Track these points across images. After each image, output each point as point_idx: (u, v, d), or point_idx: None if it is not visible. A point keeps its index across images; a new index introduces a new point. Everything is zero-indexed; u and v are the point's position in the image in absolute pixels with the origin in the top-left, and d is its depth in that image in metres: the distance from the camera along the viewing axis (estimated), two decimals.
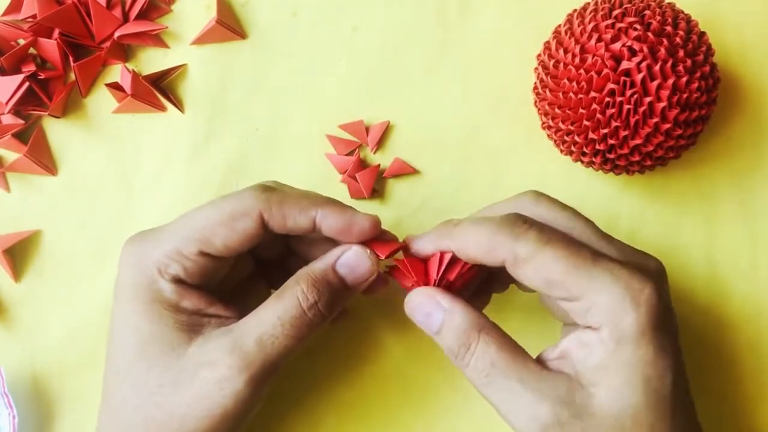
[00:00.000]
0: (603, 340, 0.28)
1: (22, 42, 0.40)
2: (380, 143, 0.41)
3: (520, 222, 0.30)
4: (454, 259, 0.32)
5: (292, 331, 0.31)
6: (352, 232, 0.32)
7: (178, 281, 0.31)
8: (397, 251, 0.33)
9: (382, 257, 0.32)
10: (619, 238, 0.32)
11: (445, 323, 0.30)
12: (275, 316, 0.31)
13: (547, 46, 0.38)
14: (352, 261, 0.32)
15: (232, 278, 0.35)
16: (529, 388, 0.28)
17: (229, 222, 0.31)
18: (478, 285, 0.35)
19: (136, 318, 0.31)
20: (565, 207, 0.32)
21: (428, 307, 0.31)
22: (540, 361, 0.30)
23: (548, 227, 0.30)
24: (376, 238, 0.33)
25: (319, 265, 0.32)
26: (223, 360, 0.30)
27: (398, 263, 0.33)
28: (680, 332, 0.30)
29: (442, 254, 0.32)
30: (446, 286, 0.32)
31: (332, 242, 0.33)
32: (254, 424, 0.38)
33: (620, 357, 0.28)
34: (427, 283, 0.32)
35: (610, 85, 0.34)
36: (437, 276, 0.32)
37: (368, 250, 0.32)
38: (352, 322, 0.39)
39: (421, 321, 0.31)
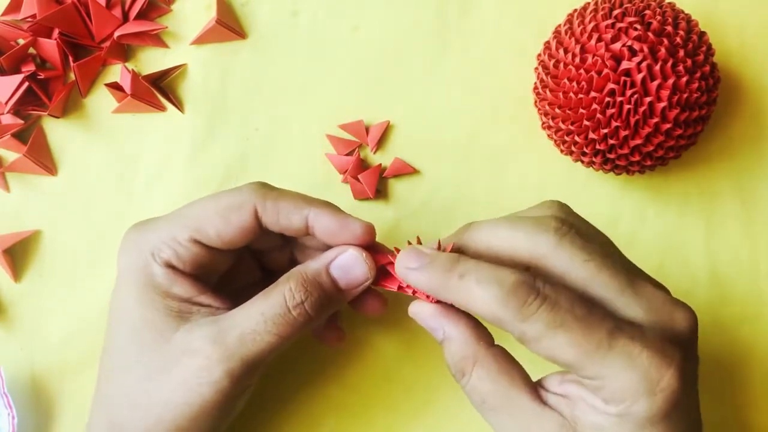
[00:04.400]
0: (609, 412, 0.26)
1: (21, 42, 0.40)
2: (380, 143, 0.41)
3: (531, 295, 0.26)
4: None
5: (275, 328, 0.30)
6: (344, 235, 0.31)
7: (169, 266, 0.31)
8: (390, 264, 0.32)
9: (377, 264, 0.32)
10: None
11: (444, 345, 0.30)
12: (259, 312, 0.30)
13: (547, 46, 0.38)
14: (347, 263, 0.31)
15: (237, 283, 0.35)
16: (518, 424, 0.28)
17: (224, 212, 0.31)
18: None
19: (129, 302, 0.31)
20: (590, 235, 0.29)
21: (431, 323, 0.30)
22: (541, 387, 0.29)
23: (561, 297, 0.26)
24: (370, 248, 0.32)
25: (312, 265, 0.32)
26: (203, 349, 0.30)
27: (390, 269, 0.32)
28: None
29: None
30: None
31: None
32: (253, 425, 0.38)
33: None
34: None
35: (610, 85, 0.34)
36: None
37: (364, 254, 0.31)
38: (351, 323, 0.39)
39: (427, 329, 0.31)
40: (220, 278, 0.34)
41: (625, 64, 0.34)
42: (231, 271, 0.34)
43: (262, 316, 0.30)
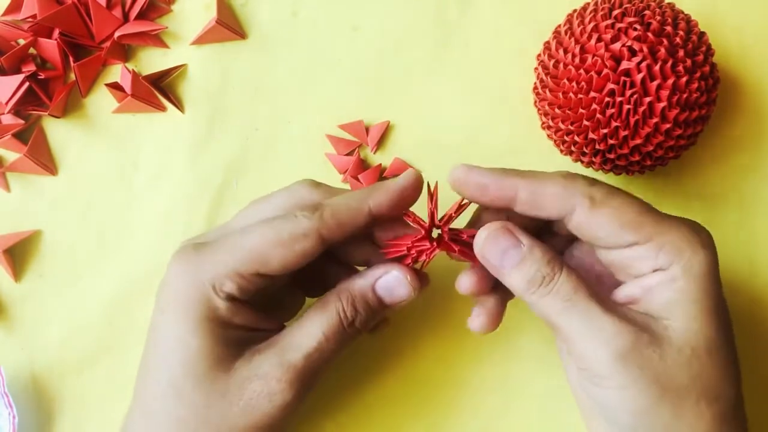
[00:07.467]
0: (674, 276, 0.29)
1: (22, 42, 0.40)
2: (380, 143, 0.41)
3: (585, 178, 0.31)
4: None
5: (334, 344, 0.32)
6: (406, 201, 0.33)
7: (232, 299, 0.31)
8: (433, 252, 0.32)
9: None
10: None
11: (527, 256, 0.31)
12: (319, 330, 0.32)
13: (547, 46, 0.38)
14: (391, 284, 0.33)
15: (273, 288, 0.35)
16: (608, 311, 0.29)
17: (289, 243, 0.31)
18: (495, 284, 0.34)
19: (184, 333, 0.31)
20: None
21: (506, 242, 0.31)
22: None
23: None
24: (407, 214, 0.33)
25: (359, 284, 0.33)
26: (272, 373, 0.31)
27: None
28: None
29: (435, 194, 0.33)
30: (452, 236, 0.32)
31: (370, 243, 0.34)
32: None
33: (692, 291, 0.29)
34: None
35: (610, 85, 0.34)
36: (446, 216, 0.33)
37: (408, 276, 0.33)
38: None
39: (494, 258, 0.31)
40: None
41: (624, 64, 0.34)
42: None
43: (323, 334, 0.32)
